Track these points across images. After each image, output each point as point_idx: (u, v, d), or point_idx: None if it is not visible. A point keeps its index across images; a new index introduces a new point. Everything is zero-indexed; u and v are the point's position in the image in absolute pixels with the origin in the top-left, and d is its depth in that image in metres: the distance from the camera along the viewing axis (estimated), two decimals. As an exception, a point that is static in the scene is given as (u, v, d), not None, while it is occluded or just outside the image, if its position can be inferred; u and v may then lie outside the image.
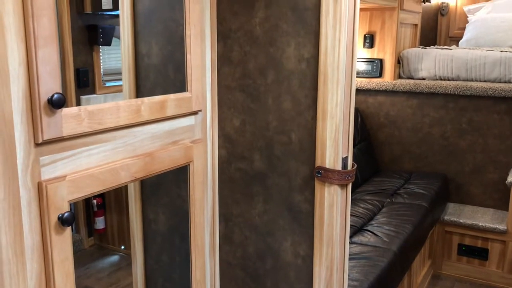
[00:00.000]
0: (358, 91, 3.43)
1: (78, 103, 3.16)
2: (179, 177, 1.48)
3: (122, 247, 3.40)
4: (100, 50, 3.23)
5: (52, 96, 0.95)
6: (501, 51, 3.18)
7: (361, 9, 3.39)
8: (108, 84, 3.28)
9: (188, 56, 1.32)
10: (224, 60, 1.45)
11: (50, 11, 0.93)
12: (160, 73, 1.54)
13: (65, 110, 0.98)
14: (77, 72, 3.18)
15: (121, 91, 1.72)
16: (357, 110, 3.40)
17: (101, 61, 3.27)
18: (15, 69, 0.89)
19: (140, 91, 1.59)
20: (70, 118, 1.00)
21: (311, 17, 1.29)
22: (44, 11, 0.92)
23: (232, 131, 1.48)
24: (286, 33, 1.33)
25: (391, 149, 3.41)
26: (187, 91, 1.34)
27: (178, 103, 1.30)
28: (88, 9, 3.17)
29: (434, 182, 3.06)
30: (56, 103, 0.95)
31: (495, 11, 4.34)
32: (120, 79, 1.69)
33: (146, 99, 1.20)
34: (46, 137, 0.95)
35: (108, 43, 3.16)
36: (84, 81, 3.21)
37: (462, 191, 3.22)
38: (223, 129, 1.48)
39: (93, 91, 3.25)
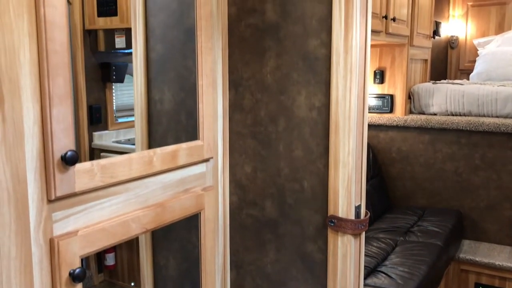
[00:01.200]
0: (369, 126, 3.42)
1: (91, 140, 3.19)
2: (190, 222, 1.48)
3: (132, 284, 3.37)
4: (113, 87, 3.29)
5: (66, 153, 0.95)
6: (513, 87, 3.17)
7: (371, 46, 3.42)
8: (120, 120, 3.31)
9: (200, 105, 1.33)
10: (236, 107, 1.46)
11: (65, 70, 0.95)
12: (173, 119, 1.55)
13: (78, 166, 0.99)
14: (90, 109, 3.22)
15: (133, 126, 1.73)
16: (368, 146, 3.38)
17: (113, 97, 3.31)
18: (29, 127, 0.90)
19: (152, 137, 1.60)
20: (83, 173, 1.01)
21: (321, 67, 1.30)
22: (60, 71, 0.94)
23: (244, 178, 1.47)
24: (297, 82, 1.34)
25: (404, 184, 3.38)
26: (198, 139, 1.35)
27: (190, 152, 1.30)
28: (101, 47, 3.23)
29: (448, 219, 3.01)
30: (69, 160, 0.96)
31: (505, 44, 4.35)
32: (132, 115, 1.71)
33: (158, 150, 1.21)
34: (59, 193, 0.96)
35: (121, 80, 3.21)
36: (97, 117, 3.25)
37: (477, 228, 3.16)
38: (235, 175, 1.48)
39: (105, 127, 3.29)
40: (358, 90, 1.28)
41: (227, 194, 1.50)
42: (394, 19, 2.88)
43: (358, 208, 1.32)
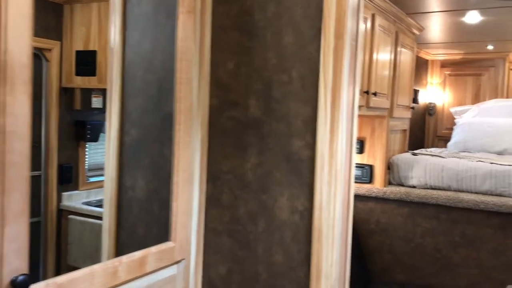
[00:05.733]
0: (348, 196, 3.35)
1: (60, 200, 3.04)
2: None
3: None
4: (87, 145, 3.17)
5: (17, 277, 0.84)
6: (491, 163, 3.17)
7: (351, 115, 3.42)
8: (91, 179, 3.18)
9: (174, 204, 1.24)
10: (212, 202, 1.37)
11: (24, 184, 0.85)
12: (144, 208, 1.45)
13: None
14: (61, 168, 3.08)
15: (103, 186, 1.61)
16: (347, 216, 3.31)
17: (86, 156, 3.19)
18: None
19: (121, 226, 1.49)
20: (36, 297, 0.89)
21: (305, 169, 1.23)
22: (17, 185, 0.84)
23: (217, 280, 1.36)
24: (279, 182, 1.27)
25: (382, 258, 3.29)
26: (170, 240, 1.24)
27: (160, 256, 1.20)
28: (77, 106, 3.14)
29: (427, 299, 2.91)
30: (20, 285, 0.84)
31: (481, 115, 4.43)
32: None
33: (124, 258, 1.10)
34: (5, 324, 0.84)
35: (95, 139, 3.10)
36: (67, 177, 3.11)
37: (457, 307, 3.07)
38: (208, 277, 1.37)
39: (76, 187, 3.15)
40: (342, 196, 1.21)
41: (199, 296, 1.38)
42: (375, 94, 2.88)
43: (340, 323, 1.22)
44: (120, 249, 1.46)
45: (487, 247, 2.97)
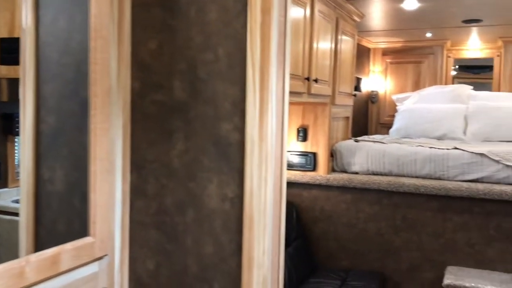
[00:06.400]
0: (293, 184, 3.34)
1: (-14, 199, 2.83)
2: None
3: None
4: (16, 139, 2.96)
5: None
6: (430, 147, 3.24)
7: (293, 103, 3.39)
8: (23, 175, 2.98)
9: (92, 195, 1.14)
10: (137, 193, 1.28)
11: None
12: (64, 201, 1.33)
13: None
14: (-13, 164, 2.87)
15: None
16: (292, 205, 3.29)
17: (15, 151, 2.98)
18: None
19: (40, 223, 1.37)
20: None
21: (234, 154, 1.16)
22: None
23: (145, 275, 1.27)
24: (207, 169, 1.19)
25: (328, 245, 3.30)
26: (89, 235, 1.14)
27: (77, 253, 1.09)
28: (4, 97, 2.92)
29: (371, 283, 2.94)
30: None
31: (421, 101, 4.53)
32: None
33: (33, 257, 0.99)
34: None
35: (25, 132, 2.90)
36: (-5, 174, 2.90)
37: (399, 290, 3.13)
38: (135, 273, 1.28)
39: (5, 185, 2.93)
40: (274, 181, 1.15)
41: (125, 294, 1.29)
42: (316, 80, 2.86)
43: (274, 313, 1.17)
44: (39, 248, 1.34)
45: (427, 230, 3.04)
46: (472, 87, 4.52)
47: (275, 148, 1.14)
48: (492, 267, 2.89)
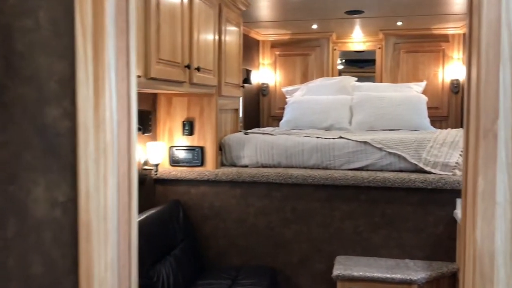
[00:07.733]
0: (179, 181, 3.13)
1: None
2: None
3: None
4: None
5: None
6: (317, 137, 3.21)
7: (177, 95, 3.17)
8: None
9: None
10: None
11: None
12: None
13: None
14: None
15: None
16: (179, 203, 3.07)
17: None
18: None
19: None
20: None
21: (65, 147, 0.92)
22: None
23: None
24: (32, 167, 0.94)
25: (217, 243, 3.13)
26: None
27: None
28: None
29: (262, 280, 2.82)
30: None
31: (310, 93, 4.56)
32: None
33: None
34: None
35: None
36: None
37: (291, 284, 3.06)
38: None
39: None
40: (118, 179, 0.93)
41: None
42: (198, 69, 2.66)
43: None
44: None
45: (316, 221, 3.00)
46: (356, 78, 4.63)
47: (118, 138, 0.92)
48: (378, 253, 2.93)
